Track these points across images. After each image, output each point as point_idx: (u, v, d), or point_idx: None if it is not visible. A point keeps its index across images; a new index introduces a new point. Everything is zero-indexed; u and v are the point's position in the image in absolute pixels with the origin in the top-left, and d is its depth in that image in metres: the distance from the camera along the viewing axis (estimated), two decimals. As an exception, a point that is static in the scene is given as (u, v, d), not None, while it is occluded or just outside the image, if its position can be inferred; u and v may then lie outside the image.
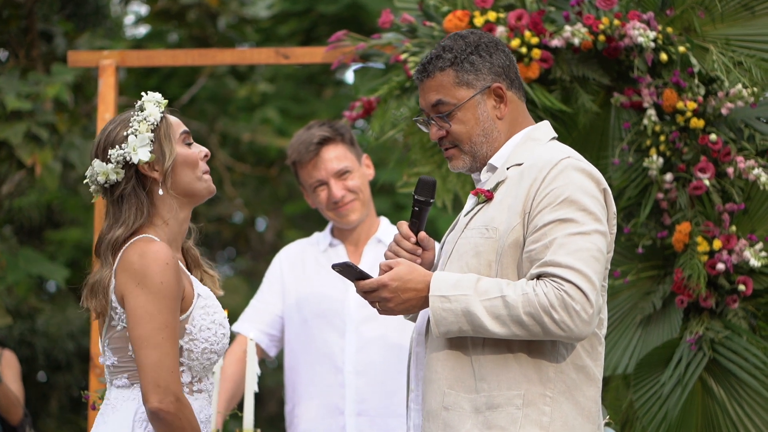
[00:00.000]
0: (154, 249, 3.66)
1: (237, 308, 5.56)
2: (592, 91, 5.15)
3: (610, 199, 3.67)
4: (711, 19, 5.10)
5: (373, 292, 3.65)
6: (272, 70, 12.09)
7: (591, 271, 3.50)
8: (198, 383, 3.75)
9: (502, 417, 3.56)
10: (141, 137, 3.72)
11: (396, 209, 11.33)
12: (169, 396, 3.58)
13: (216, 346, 3.74)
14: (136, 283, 3.63)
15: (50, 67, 8.81)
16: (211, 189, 3.86)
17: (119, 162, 3.73)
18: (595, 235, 3.55)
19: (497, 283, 3.55)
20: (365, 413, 5.09)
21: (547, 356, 3.59)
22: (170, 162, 3.74)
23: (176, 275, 3.66)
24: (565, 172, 3.61)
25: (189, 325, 3.70)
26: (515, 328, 3.51)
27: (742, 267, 4.91)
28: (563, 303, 3.47)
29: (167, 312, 3.62)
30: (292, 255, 5.32)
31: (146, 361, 3.60)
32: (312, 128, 5.21)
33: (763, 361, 4.81)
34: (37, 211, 10.55)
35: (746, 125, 4.97)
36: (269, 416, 13.77)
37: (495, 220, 3.65)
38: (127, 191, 3.74)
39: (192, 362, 3.71)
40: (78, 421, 10.74)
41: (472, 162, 3.80)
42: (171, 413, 3.58)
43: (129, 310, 3.64)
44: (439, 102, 3.77)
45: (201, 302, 3.74)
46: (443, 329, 3.58)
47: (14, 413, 6.18)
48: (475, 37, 3.81)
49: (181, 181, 3.79)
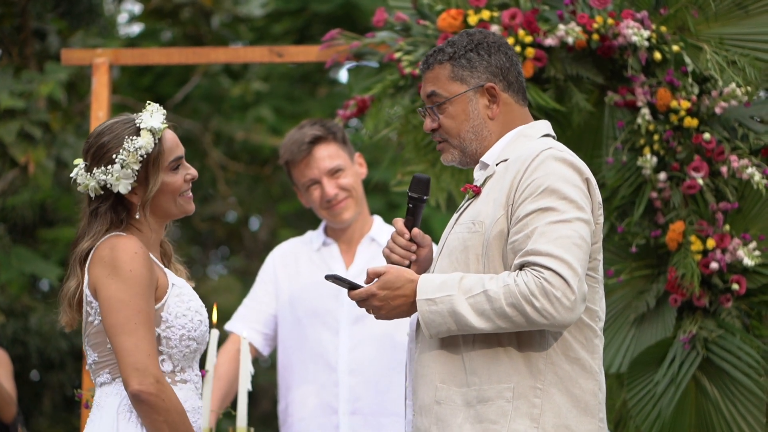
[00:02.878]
0: (124, 241, 3.75)
1: (230, 307, 5.56)
2: (586, 90, 5.16)
3: (593, 189, 3.69)
4: (705, 18, 5.10)
5: (364, 301, 3.70)
6: (266, 69, 12.08)
7: (572, 258, 3.52)
8: (181, 373, 3.80)
9: (492, 410, 3.59)
10: (126, 171, 3.76)
11: (390, 208, 11.32)
12: (148, 378, 3.64)
13: (194, 332, 3.80)
14: (107, 274, 3.70)
15: (43, 65, 8.80)
16: (186, 210, 3.91)
17: (99, 182, 3.78)
18: (577, 222, 3.57)
19: (480, 279, 3.58)
20: (359, 412, 5.09)
21: (536, 348, 3.61)
22: (152, 192, 3.80)
23: (146, 263, 3.73)
24: (546, 162, 3.64)
25: (165, 312, 3.77)
26: (500, 321, 3.53)
27: (736, 266, 4.91)
28: (543, 290, 3.49)
29: (139, 298, 3.68)
30: (286, 254, 5.32)
31: (122, 347, 3.66)
32: (304, 127, 5.21)
33: (756, 360, 4.82)
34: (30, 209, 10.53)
35: (740, 124, 4.97)
36: (262, 415, 13.77)
37: (481, 214, 3.69)
38: (102, 210, 3.81)
39: (171, 350, 3.77)
40: (71, 419, 10.73)
41: (461, 156, 3.85)
42: (152, 394, 3.64)
43: (102, 301, 3.71)
44: (432, 93, 3.84)
45: (175, 291, 3.81)
46: (433, 331, 3.62)
47: (7, 411, 6.17)
48: (480, 36, 3.86)
49: (159, 206, 3.86)
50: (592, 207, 3.67)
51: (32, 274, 10.57)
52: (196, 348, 3.82)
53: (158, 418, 3.66)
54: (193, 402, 3.81)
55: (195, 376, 3.85)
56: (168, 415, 3.67)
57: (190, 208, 3.90)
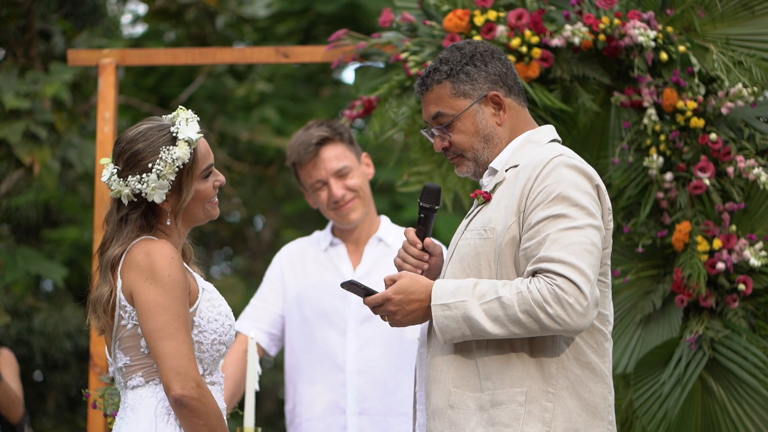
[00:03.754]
0: (158, 245, 3.74)
1: (234, 307, 5.52)
2: (593, 91, 5.16)
3: (603, 195, 3.72)
4: (711, 18, 5.10)
5: (380, 307, 3.72)
6: (270, 70, 12.09)
7: (584, 264, 3.54)
8: (209, 376, 3.82)
9: (505, 414, 3.61)
10: (162, 182, 3.74)
11: (395, 209, 11.32)
12: (190, 382, 3.65)
13: (224, 336, 3.82)
14: (145, 279, 3.70)
15: (48, 65, 8.81)
16: (212, 216, 3.93)
17: (134, 191, 3.76)
18: (589, 229, 3.60)
19: (493, 285, 3.60)
20: (366, 412, 5.09)
21: (548, 353, 3.64)
22: (186, 201, 3.80)
23: (181, 268, 3.74)
24: (557, 170, 3.66)
25: (197, 317, 3.77)
26: (513, 327, 3.56)
27: (742, 266, 4.91)
28: (556, 297, 3.52)
29: (178, 303, 3.69)
30: (293, 254, 5.32)
31: (164, 352, 3.66)
32: (310, 128, 5.21)
33: (762, 361, 4.82)
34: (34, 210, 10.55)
35: (746, 125, 4.97)
36: (267, 415, 13.79)
37: (492, 220, 3.71)
38: (134, 217, 3.79)
39: (202, 354, 3.78)
40: (75, 420, 10.73)
41: (476, 167, 3.88)
42: (195, 398, 3.65)
43: (140, 305, 3.70)
44: (438, 114, 3.86)
45: (206, 295, 3.83)
46: (448, 336, 3.65)
47: (15, 412, 6.18)
48: (471, 48, 3.88)
49: (188, 212, 3.86)
50: (603, 213, 3.70)
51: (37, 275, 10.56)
52: (225, 352, 3.84)
53: (198, 422, 3.67)
54: (220, 404, 3.83)
55: (220, 378, 3.87)
56: (208, 419, 3.68)
57: (215, 213, 3.92)
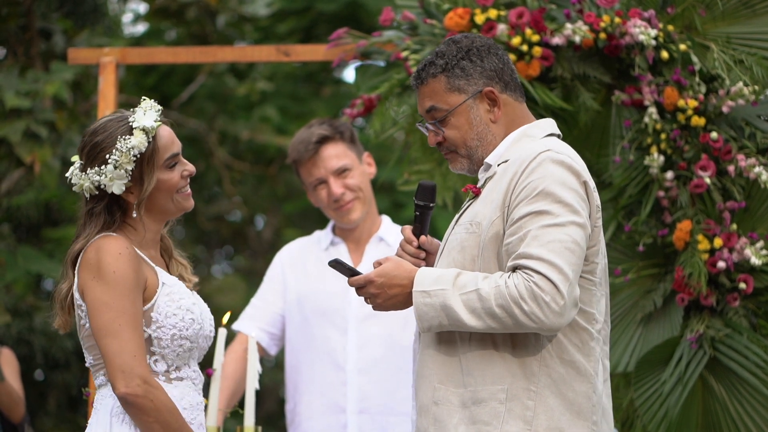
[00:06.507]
0: (109, 241, 3.71)
1: (235, 307, 5.56)
2: (593, 89, 5.15)
3: (592, 192, 3.68)
4: (712, 17, 5.10)
5: (362, 288, 3.70)
6: (271, 69, 12.08)
7: (563, 262, 3.51)
8: (176, 371, 3.77)
9: (485, 412, 3.59)
10: (119, 172, 3.72)
11: (396, 208, 11.31)
12: (134, 380, 3.61)
13: (185, 331, 3.76)
14: (92, 276, 3.68)
15: (49, 64, 8.80)
16: (184, 207, 3.87)
17: (93, 183, 3.75)
18: (571, 226, 3.56)
19: (475, 277, 3.58)
20: (367, 411, 5.09)
21: (531, 350, 3.61)
22: (147, 191, 3.76)
23: (131, 264, 3.69)
24: (543, 165, 3.63)
25: (154, 313, 3.73)
26: (489, 320, 3.54)
27: (743, 265, 4.91)
28: (533, 294, 3.49)
29: (123, 299, 3.65)
30: (294, 253, 5.32)
31: (108, 350, 3.64)
32: (312, 127, 5.22)
33: (763, 360, 4.82)
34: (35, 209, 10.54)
35: (747, 123, 4.97)
36: (267, 414, 13.79)
37: (479, 215, 3.70)
38: (97, 210, 3.78)
39: (164, 350, 3.74)
40: (76, 419, 10.73)
41: (469, 164, 3.85)
42: (139, 396, 3.61)
43: (87, 304, 3.70)
44: (432, 108, 3.83)
45: (166, 290, 3.77)
46: (426, 324, 3.62)
47: (16, 411, 6.18)
48: (467, 42, 3.83)
49: (156, 204, 3.82)
50: (590, 210, 3.65)
51: (37, 274, 10.57)
52: (190, 347, 3.78)
53: (148, 419, 3.63)
54: (192, 398, 3.78)
55: (193, 373, 3.81)
56: (159, 415, 3.64)
57: (188, 204, 3.85)
